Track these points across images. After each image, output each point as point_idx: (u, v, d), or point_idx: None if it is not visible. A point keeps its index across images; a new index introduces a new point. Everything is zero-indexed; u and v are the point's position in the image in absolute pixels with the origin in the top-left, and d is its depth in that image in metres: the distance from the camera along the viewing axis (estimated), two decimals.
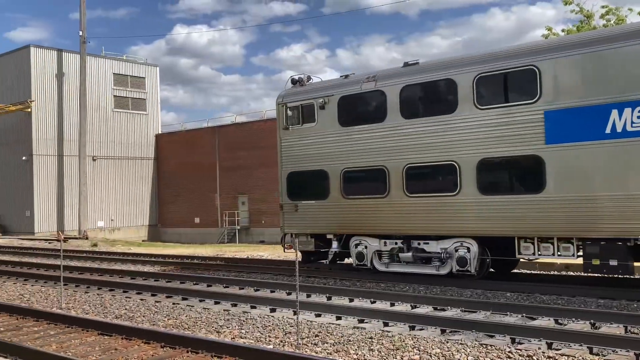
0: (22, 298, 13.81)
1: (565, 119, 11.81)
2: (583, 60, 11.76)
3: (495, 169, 12.92)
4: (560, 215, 11.87)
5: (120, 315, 11.35)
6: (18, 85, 42.23)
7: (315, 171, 15.76)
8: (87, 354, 8.39)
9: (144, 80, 47.77)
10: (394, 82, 14.30)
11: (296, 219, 16.21)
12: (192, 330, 9.81)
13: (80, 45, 39.34)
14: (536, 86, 12.16)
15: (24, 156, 41.33)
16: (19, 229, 41.53)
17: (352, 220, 15.10)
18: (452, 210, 13.35)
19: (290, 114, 16.30)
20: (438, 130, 13.49)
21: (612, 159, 11.33)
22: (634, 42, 11.19)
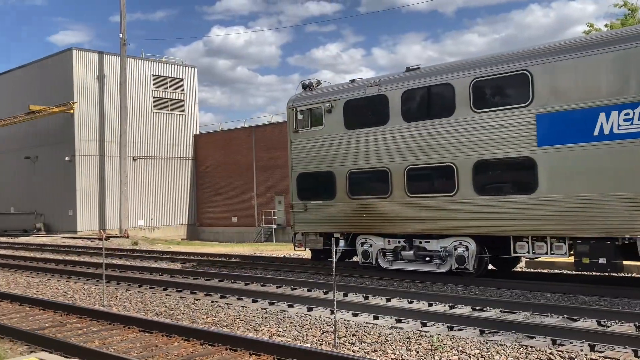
0: (66, 295, 14.15)
1: (555, 122, 12.22)
2: (573, 64, 12.10)
3: (491, 170, 13.38)
4: (552, 215, 12.26)
5: (160, 313, 11.53)
6: (61, 87, 43.24)
7: (322, 172, 16.39)
8: (129, 350, 8.55)
9: (183, 82, 48.41)
10: (395, 86, 14.86)
11: (306, 219, 16.89)
12: (230, 328, 9.92)
13: (120, 47, 40.11)
14: (528, 90, 12.58)
15: (67, 156, 42.32)
16: (62, 228, 42.56)
17: (358, 220, 15.67)
18: (450, 210, 13.85)
19: (300, 117, 16.94)
20: (437, 133, 14.01)
21: (599, 161, 11.68)
22: (620, 47, 11.53)
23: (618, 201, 11.46)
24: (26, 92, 46.20)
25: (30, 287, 15.70)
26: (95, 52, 43.83)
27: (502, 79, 13.10)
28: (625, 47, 11.47)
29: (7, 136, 47.73)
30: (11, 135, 47.24)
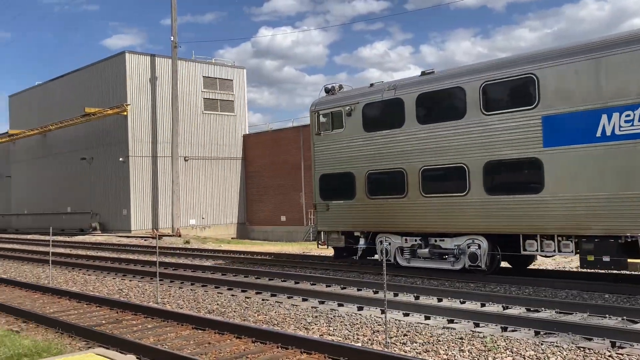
0: (121, 292, 14.50)
1: (561, 124, 12.58)
2: (576, 67, 12.42)
3: (500, 170, 13.73)
4: (557, 214, 12.63)
5: (212, 310, 11.70)
6: (115, 89, 44.40)
7: (343, 173, 17.06)
8: (183, 347, 8.70)
9: (232, 83, 49.01)
10: (410, 90, 15.39)
11: (328, 218, 17.63)
12: (281, 326, 9.97)
13: (171, 50, 40.92)
14: (535, 92, 12.94)
15: (121, 157, 43.42)
16: (116, 227, 43.70)
17: (376, 219, 16.32)
18: (462, 209, 14.32)
19: (322, 120, 17.65)
20: (449, 135, 14.50)
21: (602, 161, 12.00)
22: (622, 50, 11.80)
23: (620, 201, 11.75)
24: (82, 95, 47.66)
25: (87, 284, 16.17)
26: (148, 55, 44.81)
27: (509, 82, 13.53)
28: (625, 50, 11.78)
29: (64, 138, 49.33)
30: (68, 137, 48.81)
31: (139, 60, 44.12)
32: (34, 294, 14.56)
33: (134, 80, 43.62)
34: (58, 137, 49.91)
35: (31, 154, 54.21)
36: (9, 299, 13.76)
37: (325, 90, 18.26)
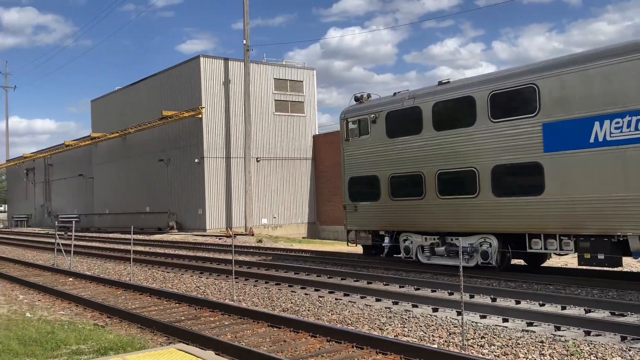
0: (198, 290, 14.89)
1: (559, 130, 13.54)
2: (572, 78, 13.36)
3: (506, 174, 14.74)
4: (556, 214, 13.60)
5: (286, 309, 11.83)
6: (190, 93, 45.66)
7: (369, 176, 18.44)
8: (259, 344, 8.84)
9: (302, 84, 49.43)
10: (427, 99, 16.62)
11: (356, 218, 19.06)
12: (355, 326, 9.97)
13: (244, 53, 41.67)
14: (536, 101, 13.93)
15: (196, 159, 44.59)
16: (192, 226, 44.92)
17: (398, 219, 17.70)
18: (473, 210, 15.46)
19: (351, 127, 19.11)
20: (462, 141, 15.66)
21: (595, 165, 12.92)
22: (611, 61, 12.67)
23: (612, 202, 12.64)
24: (159, 99, 49.29)
25: (166, 281, 16.69)
26: (221, 59, 45.82)
27: (514, 91, 14.52)
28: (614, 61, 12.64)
29: (143, 140, 51.16)
30: (147, 140, 50.58)
31: (212, 63, 45.20)
32: (117, 290, 15.17)
33: (208, 83, 44.72)
34: (137, 139, 51.81)
35: (112, 156, 56.50)
36: (94, 295, 14.40)
37: (355, 99, 19.53)
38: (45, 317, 11.46)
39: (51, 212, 69.31)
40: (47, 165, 72.08)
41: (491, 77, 15.46)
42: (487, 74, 15.97)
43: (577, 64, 13.40)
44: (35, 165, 75.49)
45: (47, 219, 69.56)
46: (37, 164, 74.78)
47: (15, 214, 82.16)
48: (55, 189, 70.54)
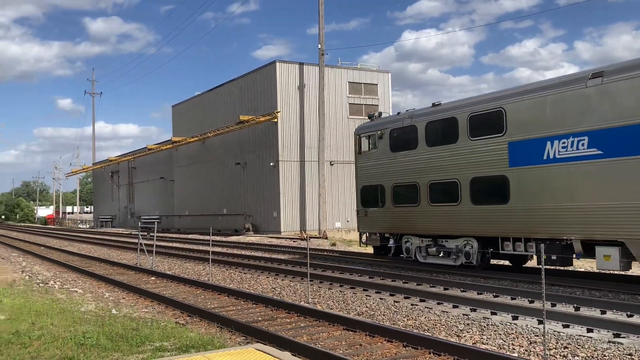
0: (274, 291, 15.11)
1: (520, 148, 15.55)
2: (530, 103, 15.38)
3: (481, 185, 16.78)
4: (519, 221, 15.62)
5: (361, 313, 11.82)
6: (266, 97, 46.48)
7: (377, 185, 20.82)
8: (335, 347, 8.88)
9: (377, 87, 49.34)
10: (422, 118, 18.89)
11: (367, 222, 21.67)
12: (431, 332, 9.84)
13: (318, 57, 42.01)
14: (503, 123, 15.99)
15: (272, 162, 45.31)
16: (267, 228, 45.65)
17: (399, 223, 20.07)
18: (457, 215, 17.53)
19: (363, 142, 21.57)
20: (447, 155, 17.81)
21: (547, 178, 14.89)
22: (559, 90, 14.67)
23: (559, 210, 14.58)
24: (236, 104, 50.45)
25: (243, 282, 17.04)
26: (296, 64, 46.39)
27: (487, 114, 16.56)
28: (559, 90, 14.69)
29: (220, 144, 52.49)
30: (224, 143, 51.87)
31: (288, 68, 45.83)
32: (196, 290, 15.61)
33: (284, 88, 45.37)
34: (215, 143, 53.20)
35: (191, 159, 58.24)
36: (175, 294, 14.88)
37: (369, 116, 22.56)
38: (129, 314, 11.95)
39: (134, 213, 72.17)
40: (130, 168, 75.16)
41: (471, 101, 17.62)
42: (468, 98, 18.12)
43: (534, 92, 15.40)
44: (119, 168, 78.86)
45: (130, 220, 72.49)
46: (121, 167, 78.10)
47: (100, 215, 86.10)
48: (138, 191, 73.43)
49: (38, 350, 8.24)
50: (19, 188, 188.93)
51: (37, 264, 25.10)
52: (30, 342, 8.68)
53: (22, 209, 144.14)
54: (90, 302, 14.00)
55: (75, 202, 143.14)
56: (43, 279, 18.82)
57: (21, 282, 17.72)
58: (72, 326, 9.89)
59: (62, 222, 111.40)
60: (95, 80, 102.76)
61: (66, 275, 20.46)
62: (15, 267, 22.85)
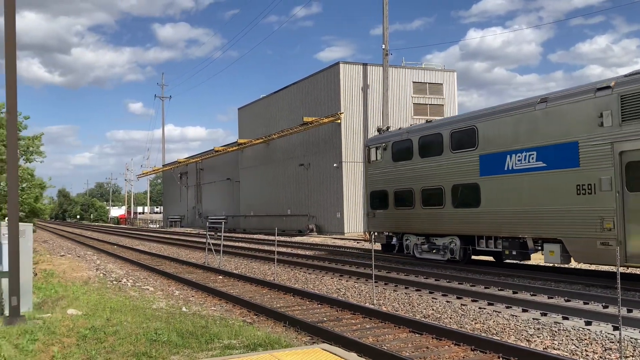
0: (339, 292, 15.15)
1: (488, 160, 18.34)
2: (495, 123, 18.17)
3: (460, 191, 19.56)
4: (488, 222, 18.48)
5: (427, 315, 11.70)
6: (329, 99, 46.69)
7: (382, 191, 23.81)
8: (401, 349, 8.82)
9: (442, 87, 48.74)
10: (416, 134, 21.91)
11: (374, 222, 24.71)
12: (500, 336, 9.64)
13: (382, 57, 41.86)
14: (475, 139, 18.81)
15: (335, 163, 45.47)
16: (331, 229, 45.81)
17: (400, 223, 23.03)
18: (442, 217, 20.43)
19: (371, 153, 24.65)
20: (435, 166, 20.72)
21: (506, 186, 17.67)
22: (515, 112, 17.48)
23: (515, 213, 17.38)
24: (300, 105, 50.92)
25: (308, 282, 17.16)
26: (360, 64, 46.39)
27: (464, 131, 19.41)
28: (511, 114, 17.62)
29: (285, 146, 53.08)
30: (288, 145, 52.42)
31: (352, 69, 45.90)
32: (262, 289, 15.84)
33: (347, 89, 45.46)
34: (279, 145, 53.85)
35: (256, 160, 59.14)
36: (242, 293, 15.15)
37: (378, 130, 26.29)
38: (199, 312, 12.25)
39: (201, 213, 73.92)
40: (198, 170, 77.03)
41: (453, 119, 21.55)
42: (452, 117, 24.09)
43: (499, 113, 18.16)
44: (187, 169, 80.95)
45: (198, 220, 74.28)
46: (189, 168, 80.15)
47: (169, 215, 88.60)
48: (206, 192, 75.16)
49: (113, 345, 8.56)
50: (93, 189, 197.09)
51: (111, 262, 26.09)
52: (105, 338, 9.03)
53: (96, 209, 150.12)
54: (161, 299, 14.44)
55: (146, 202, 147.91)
56: (116, 276, 19.54)
57: (96, 280, 18.46)
58: (145, 323, 10.22)
59: (133, 222, 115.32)
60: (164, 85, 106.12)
61: (138, 273, 21.18)
62: (90, 265, 23.83)
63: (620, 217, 14.29)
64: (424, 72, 48.54)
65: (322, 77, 48.30)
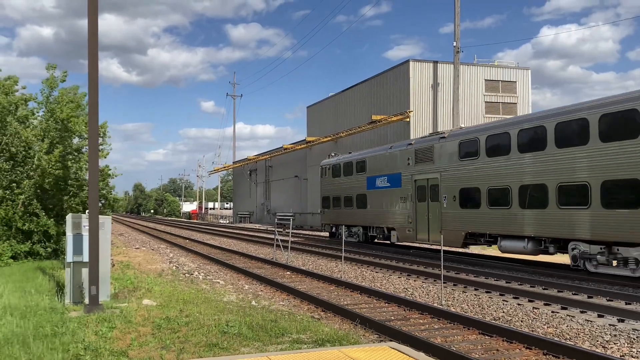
0: (406, 291, 15.05)
1: (370, 180, 29.34)
2: (375, 157, 29.26)
3: (358, 197, 30.90)
4: (371, 217, 29.34)
5: (498, 318, 11.46)
6: (398, 97, 46.33)
7: (328, 196, 34.62)
8: (470, 351, 8.70)
9: (515, 85, 47.48)
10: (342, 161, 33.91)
11: (324, 217, 35.70)
12: (574, 342, 9.34)
13: (453, 55, 41.17)
14: (365, 166, 30.00)
15: None
16: None
17: (336, 218, 33.67)
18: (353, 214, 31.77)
19: (322, 171, 35.90)
20: (349, 182, 32.56)
21: (377, 197, 28.57)
22: (380, 152, 29.24)
23: (381, 212, 28.31)
24: (368, 104, 50.77)
25: (375, 281, 17.13)
26: (430, 62, 45.81)
27: (362, 161, 30.92)
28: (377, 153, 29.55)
29: (353, 144, 53.03)
30: (356, 143, 52.35)
31: (421, 67, 45.38)
32: (330, 286, 15.94)
33: (417, 87, 44.98)
34: (347, 143, 53.87)
35: (324, 158, 59.37)
36: (309, 289, 15.30)
37: (328, 156, 38.08)
38: (268, 307, 12.46)
39: (270, 210, 74.95)
40: (267, 167, 78.13)
41: (359, 155, 32.15)
42: (358, 153, 33.65)
43: (379, 152, 29.39)
44: (257, 166, 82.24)
45: (266, 217, 75.35)
46: (258, 165, 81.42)
47: (239, 211, 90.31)
48: (274, 189, 76.15)
49: (186, 335, 8.84)
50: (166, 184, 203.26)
51: (183, 255, 26.87)
52: (179, 328, 9.33)
53: (169, 204, 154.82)
54: (232, 293, 14.77)
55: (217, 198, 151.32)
56: (188, 269, 20.12)
57: (169, 272, 19.07)
58: (216, 315, 10.49)
59: (204, 217, 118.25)
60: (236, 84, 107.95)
61: (209, 267, 21.73)
62: (163, 258, 24.63)
63: (414, 216, 25.58)
64: (497, 70, 47.42)
65: (391, 75, 48.00)
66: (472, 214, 21.50)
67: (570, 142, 17.11)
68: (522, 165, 19.00)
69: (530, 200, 18.65)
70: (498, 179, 20.07)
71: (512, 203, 19.42)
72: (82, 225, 11.96)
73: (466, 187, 21.76)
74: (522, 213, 19.01)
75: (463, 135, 22.19)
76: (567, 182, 17.17)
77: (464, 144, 21.99)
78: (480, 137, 21.05)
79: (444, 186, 23.06)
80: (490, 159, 20.47)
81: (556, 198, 17.52)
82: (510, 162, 19.53)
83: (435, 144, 23.82)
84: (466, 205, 21.84)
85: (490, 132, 20.57)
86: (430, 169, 23.98)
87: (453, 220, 22.70)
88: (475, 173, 21.22)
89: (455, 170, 22.43)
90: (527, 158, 18.81)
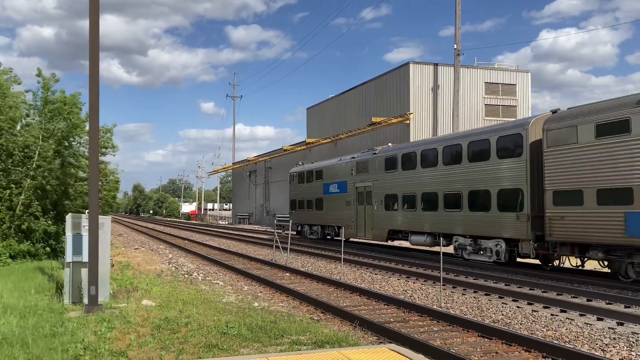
0: (405, 293, 15.05)
1: (326, 186, 34.06)
2: (333, 168, 33.54)
3: (313, 201, 35.90)
4: (328, 218, 33.95)
5: (497, 320, 11.46)
6: (398, 99, 46.36)
7: (294, 200, 39.08)
8: (469, 353, 8.70)
9: (515, 87, 47.51)
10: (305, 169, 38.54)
11: (293, 217, 38.87)
12: (573, 345, 9.35)
13: (454, 58, 41.20)
14: (322, 175, 34.75)
15: None
16: None
17: (301, 218, 38.03)
18: (314, 215, 36.34)
19: (290, 177, 40.42)
20: (309, 188, 37.19)
21: (332, 200, 33.14)
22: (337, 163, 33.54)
23: (336, 214, 32.45)
24: (368, 106, 50.80)
25: (374, 283, 17.12)
26: (430, 65, 45.84)
27: (319, 171, 35.74)
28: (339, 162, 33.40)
29: (352, 146, 53.03)
30: (356, 145, 52.33)
31: (422, 70, 45.42)
32: (329, 288, 15.93)
33: (417, 89, 45.01)
34: (346, 145, 53.87)
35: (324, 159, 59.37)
36: (309, 290, 15.29)
37: (296, 164, 41.85)
38: (267, 308, 12.46)
39: (269, 211, 74.93)
40: (267, 168, 78.11)
41: (318, 165, 36.79)
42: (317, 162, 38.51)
43: (336, 163, 33.32)
44: (256, 168, 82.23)
45: (266, 218, 75.32)
46: (258, 166, 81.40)
47: (238, 212, 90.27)
48: (274, 190, 76.11)
49: (185, 336, 8.84)
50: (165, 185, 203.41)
51: (182, 256, 26.87)
52: (178, 329, 9.33)
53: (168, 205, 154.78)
54: (231, 294, 14.77)
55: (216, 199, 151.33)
56: (187, 270, 20.12)
57: (168, 273, 19.07)
58: (215, 316, 10.49)
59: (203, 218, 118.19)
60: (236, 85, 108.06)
61: (208, 267, 21.73)
62: (162, 259, 24.63)
63: (355, 216, 30.19)
64: (497, 73, 47.46)
65: (391, 77, 48.03)
66: (393, 215, 26.80)
67: (451, 162, 22.53)
68: (423, 178, 24.35)
69: (428, 204, 23.94)
70: (409, 187, 25.35)
71: (417, 207, 24.73)
72: (82, 225, 11.97)
73: (389, 193, 27.05)
74: (423, 214, 24.33)
75: (387, 152, 27.69)
76: (450, 191, 22.52)
77: (389, 159, 27.30)
78: (398, 155, 26.43)
79: (375, 192, 28.40)
80: (404, 172, 25.85)
81: (443, 203, 22.86)
82: (416, 175, 24.90)
83: (369, 158, 29.31)
84: (389, 208, 27.15)
85: (404, 151, 26.13)
86: (367, 178, 29.29)
87: (380, 220, 27.90)
88: (395, 183, 26.58)
89: (383, 180, 27.74)
90: (425, 173, 24.26)
